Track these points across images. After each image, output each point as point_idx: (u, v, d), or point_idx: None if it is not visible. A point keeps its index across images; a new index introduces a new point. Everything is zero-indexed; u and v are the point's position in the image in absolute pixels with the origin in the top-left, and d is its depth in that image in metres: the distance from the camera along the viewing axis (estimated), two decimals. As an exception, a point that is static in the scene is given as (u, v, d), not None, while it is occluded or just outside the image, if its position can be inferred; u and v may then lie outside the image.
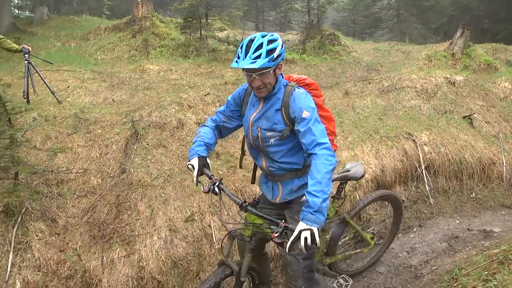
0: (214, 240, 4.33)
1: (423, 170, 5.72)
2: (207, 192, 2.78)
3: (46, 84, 6.75)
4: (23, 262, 3.72)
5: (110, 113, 6.27)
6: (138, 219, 4.37)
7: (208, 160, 2.85)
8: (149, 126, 6.00)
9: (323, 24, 12.95)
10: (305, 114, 2.62)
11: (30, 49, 6.77)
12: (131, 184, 4.78)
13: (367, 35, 26.07)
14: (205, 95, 7.23)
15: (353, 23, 25.05)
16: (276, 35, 2.68)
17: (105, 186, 4.73)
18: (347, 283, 3.52)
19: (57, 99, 6.66)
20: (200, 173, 2.79)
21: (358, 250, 3.92)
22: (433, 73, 8.38)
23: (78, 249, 3.95)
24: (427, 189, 5.65)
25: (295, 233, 2.31)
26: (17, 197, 3.88)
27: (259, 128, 2.80)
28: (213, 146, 2.98)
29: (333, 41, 11.33)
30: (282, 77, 2.85)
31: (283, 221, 2.48)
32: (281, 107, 2.72)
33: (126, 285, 3.86)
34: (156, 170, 5.09)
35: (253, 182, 3.39)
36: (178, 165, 5.28)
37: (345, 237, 3.92)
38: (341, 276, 3.52)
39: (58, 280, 3.74)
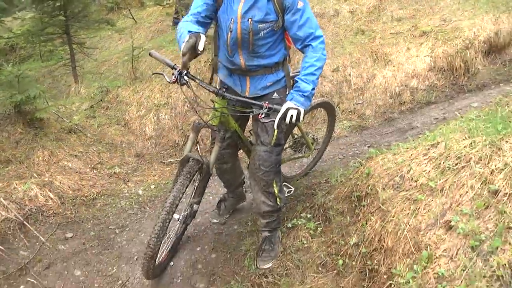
0: (352, 83, 5.77)
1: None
2: (174, 82, 2.45)
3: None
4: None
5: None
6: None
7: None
8: (310, 15, 7.51)
9: None
10: (300, 4, 2.43)
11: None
12: (294, 51, 6.43)
13: None
14: (360, -11, 8.31)
15: None
16: None
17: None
18: (289, 189, 3.47)
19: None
20: (188, 59, 2.25)
21: (300, 155, 3.89)
22: None
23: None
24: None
25: (282, 110, 2.32)
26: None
27: (250, 20, 2.45)
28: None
29: None
30: None
31: (267, 102, 2.39)
32: None
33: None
34: (313, 42, 6.64)
35: (210, 82, 2.95)
36: (331, 40, 6.69)
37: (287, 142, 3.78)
38: (284, 183, 3.31)
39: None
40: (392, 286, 2.19)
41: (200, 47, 2.21)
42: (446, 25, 6.09)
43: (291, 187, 3.54)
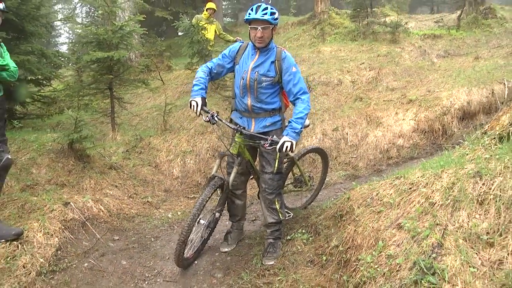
0: (348, 140, 6.81)
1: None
2: (208, 121, 3.51)
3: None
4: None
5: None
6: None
7: (205, 100, 3.57)
8: (318, 83, 8.73)
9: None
10: (294, 69, 3.52)
11: (241, 39, 10.13)
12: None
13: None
14: (361, 64, 9.59)
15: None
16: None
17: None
18: (288, 215, 4.41)
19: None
20: (201, 108, 3.46)
21: (298, 189, 4.79)
22: None
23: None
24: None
25: (281, 142, 3.29)
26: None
27: (257, 72, 3.53)
28: (207, 88, 3.68)
29: (487, 15, 12.14)
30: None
31: (271, 136, 3.42)
32: (275, 60, 3.53)
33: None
34: (319, 106, 7.77)
35: (231, 121, 3.92)
36: (333, 105, 7.84)
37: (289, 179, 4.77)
38: (286, 210, 4.27)
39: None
40: (358, 266, 3.07)
41: (197, 112, 3.47)
42: (430, 95, 7.25)
43: (290, 212, 4.51)
